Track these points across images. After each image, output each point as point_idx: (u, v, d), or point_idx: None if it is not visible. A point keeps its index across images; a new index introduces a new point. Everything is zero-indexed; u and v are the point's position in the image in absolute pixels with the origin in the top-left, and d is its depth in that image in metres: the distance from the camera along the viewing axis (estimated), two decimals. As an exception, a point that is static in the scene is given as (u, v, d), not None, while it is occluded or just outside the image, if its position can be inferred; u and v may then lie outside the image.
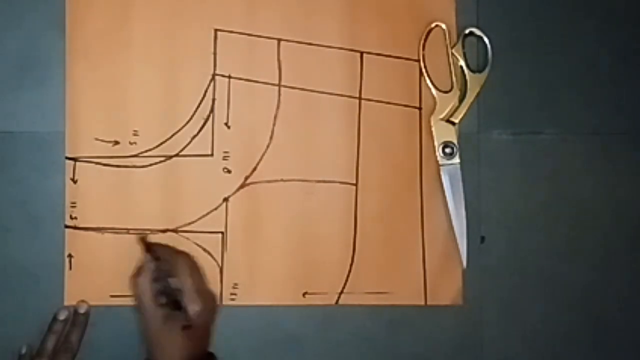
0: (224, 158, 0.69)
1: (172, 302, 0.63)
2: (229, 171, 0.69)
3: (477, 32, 0.70)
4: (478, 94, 0.70)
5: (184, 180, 0.69)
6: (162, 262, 0.65)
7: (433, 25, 0.70)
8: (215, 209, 0.69)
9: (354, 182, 0.70)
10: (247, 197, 0.69)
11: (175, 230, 0.69)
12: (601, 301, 0.71)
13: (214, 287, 0.68)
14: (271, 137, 0.70)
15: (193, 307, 0.62)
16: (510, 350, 0.70)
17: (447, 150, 0.70)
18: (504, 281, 0.71)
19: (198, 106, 0.69)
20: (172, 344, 0.62)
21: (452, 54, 0.70)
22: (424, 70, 0.70)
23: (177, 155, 0.69)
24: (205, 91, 0.70)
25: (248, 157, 0.70)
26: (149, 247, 0.66)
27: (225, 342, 0.69)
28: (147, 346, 0.63)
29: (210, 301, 0.65)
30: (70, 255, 0.68)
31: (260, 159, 0.69)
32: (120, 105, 0.69)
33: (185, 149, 0.69)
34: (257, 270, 0.69)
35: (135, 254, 0.68)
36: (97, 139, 0.69)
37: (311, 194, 0.70)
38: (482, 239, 0.70)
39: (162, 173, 0.69)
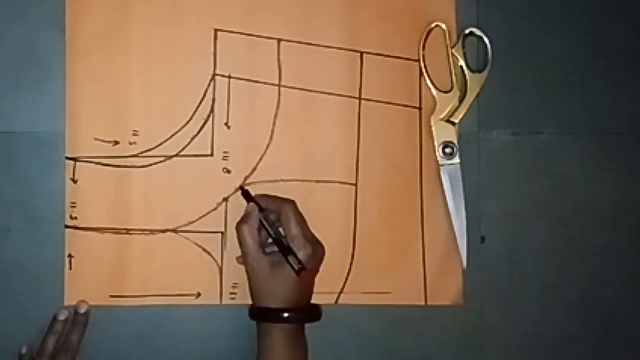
0: (224, 158, 0.69)
1: (280, 249, 0.63)
2: (228, 171, 0.69)
3: (477, 32, 0.70)
4: (478, 94, 0.70)
5: (184, 180, 0.69)
6: (268, 212, 0.65)
7: (433, 25, 0.70)
8: (215, 208, 0.69)
9: (354, 182, 0.70)
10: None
11: (175, 230, 0.69)
12: (601, 301, 0.71)
13: (214, 287, 0.69)
14: (271, 137, 0.70)
15: (304, 252, 0.62)
16: (510, 350, 0.71)
17: (447, 150, 0.70)
18: (504, 281, 0.71)
19: (198, 106, 0.69)
20: (281, 289, 0.62)
21: (452, 54, 0.70)
22: (424, 70, 0.70)
23: (177, 155, 0.69)
24: (205, 91, 0.70)
25: (248, 157, 0.70)
26: (251, 198, 0.66)
27: (225, 342, 0.69)
28: (253, 294, 0.64)
29: (318, 247, 0.65)
30: (70, 255, 0.68)
31: (260, 159, 0.69)
32: (120, 105, 0.69)
33: (185, 149, 0.69)
34: (257, 270, 0.69)
35: (135, 254, 0.68)
36: (97, 139, 0.69)
37: (311, 194, 0.70)
38: (482, 239, 0.70)
39: (162, 173, 0.69)
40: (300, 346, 0.64)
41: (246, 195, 0.66)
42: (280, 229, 0.64)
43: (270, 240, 0.64)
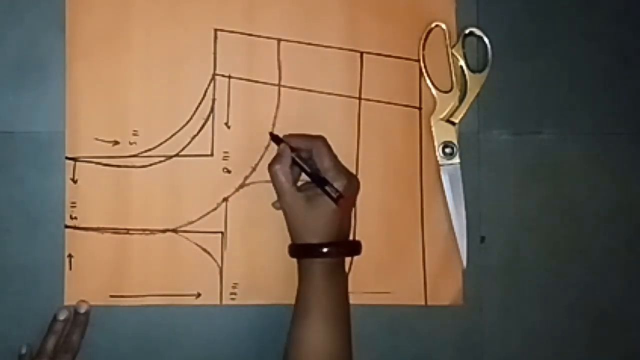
0: (224, 158, 0.69)
1: (316, 182, 0.63)
2: (228, 171, 0.70)
3: (477, 32, 0.70)
4: (478, 94, 0.70)
5: (184, 180, 0.69)
6: (299, 150, 0.65)
7: (433, 25, 0.70)
8: (215, 208, 0.69)
9: (354, 182, 0.70)
10: (247, 197, 0.69)
11: (175, 230, 0.69)
12: (601, 301, 0.71)
13: (214, 287, 0.69)
14: (271, 137, 0.70)
15: (340, 182, 0.63)
16: (510, 350, 0.71)
17: (447, 150, 0.70)
18: (504, 281, 0.71)
19: (198, 106, 0.69)
20: (320, 223, 0.62)
21: (452, 54, 0.70)
22: (424, 70, 0.70)
23: (177, 155, 0.69)
24: (205, 91, 0.70)
25: (248, 157, 0.70)
26: (280, 140, 0.66)
27: (225, 342, 0.69)
28: (292, 232, 0.64)
29: (353, 178, 0.65)
30: (70, 255, 0.68)
31: (260, 159, 0.69)
32: (120, 105, 0.69)
33: (185, 149, 0.69)
34: (257, 270, 0.69)
35: (135, 254, 0.68)
36: (97, 139, 0.69)
37: (311, 194, 0.70)
38: (482, 239, 0.70)
39: (162, 173, 0.69)
40: (341, 279, 0.64)
41: (275, 139, 0.66)
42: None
43: (302, 179, 0.65)
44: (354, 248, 0.66)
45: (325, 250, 0.62)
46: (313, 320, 0.62)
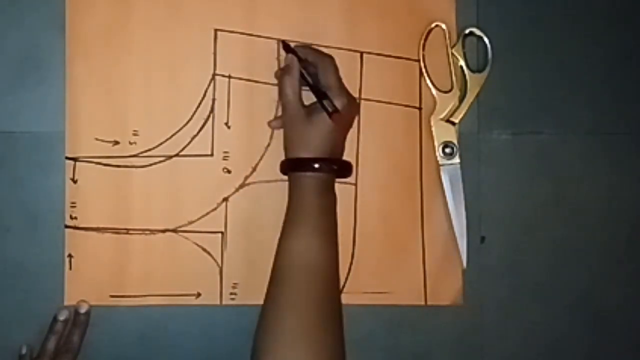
0: (224, 158, 0.69)
1: (315, 94, 0.64)
2: (228, 171, 0.70)
3: (477, 32, 0.70)
4: (478, 94, 0.70)
5: (184, 180, 0.69)
6: (307, 63, 0.66)
7: (433, 25, 0.70)
8: (215, 208, 0.69)
9: (354, 182, 0.70)
10: (247, 197, 0.69)
11: (175, 230, 0.69)
12: (601, 301, 0.71)
13: (214, 287, 0.69)
14: (271, 137, 0.70)
15: (339, 100, 0.64)
16: (510, 350, 0.71)
17: (447, 150, 0.70)
18: (504, 281, 0.71)
19: (198, 106, 0.69)
20: (315, 138, 0.63)
21: (452, 54, 0.70)
22: (424, 70, 0.70)
23: (177, 155, 0.69)
24: (205, 91, 0.70)
25: (248, 157, 0.70)
26: (290, 49, 0.67)
27: (225, 342, 0.69)
28: (287, 146, 0.65)
29: (353, 100, 0.66)
30: (70, 255, 0.68)
31: (260, 159, 0.69)
32: (120, 105, 0.69)
33: (185, 149, 0.69)
34: (257, 270, 0.69)
35: (135, 254, 0.68)
36: (97, 139, 0.69)
37: (311, 194, 0.70)
38: (482, 239, 0.70)
39: (162, 173, 0.69)
40: (330, 196, 0.64)
41: (286, 47, 0.67)
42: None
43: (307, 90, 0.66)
44: (345, 167, 0.66)
45: (316, 165, 0.63)
46: (301, 232, 0.62)
